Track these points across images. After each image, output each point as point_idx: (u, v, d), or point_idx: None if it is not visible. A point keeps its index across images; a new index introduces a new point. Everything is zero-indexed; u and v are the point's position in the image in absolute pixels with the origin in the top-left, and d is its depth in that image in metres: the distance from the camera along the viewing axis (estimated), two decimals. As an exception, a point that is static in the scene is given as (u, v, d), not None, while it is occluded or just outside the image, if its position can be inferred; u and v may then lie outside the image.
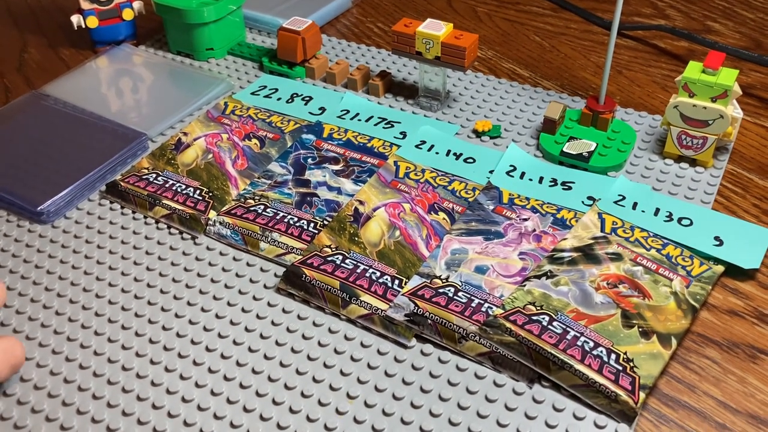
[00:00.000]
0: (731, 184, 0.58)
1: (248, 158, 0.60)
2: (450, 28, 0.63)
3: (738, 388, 0.43)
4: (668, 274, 0.48)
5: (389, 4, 0.86)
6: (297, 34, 0.69)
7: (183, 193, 0.56)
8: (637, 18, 0.82)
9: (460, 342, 0.45)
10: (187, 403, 0.43)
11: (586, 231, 0.51)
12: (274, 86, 0.70)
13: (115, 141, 0.62)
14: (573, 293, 0.47)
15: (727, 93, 0.55)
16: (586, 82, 0.71)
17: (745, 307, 0.48)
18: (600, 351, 0.43)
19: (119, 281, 0.50)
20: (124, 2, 0.75)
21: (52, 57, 0.78)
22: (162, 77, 0.72)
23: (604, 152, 0.59)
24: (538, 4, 0.85)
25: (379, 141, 0.61)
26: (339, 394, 0.43)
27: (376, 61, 0.74)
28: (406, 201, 0.55)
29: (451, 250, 0.50)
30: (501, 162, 0.58)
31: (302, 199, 0.55)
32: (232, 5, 0.74)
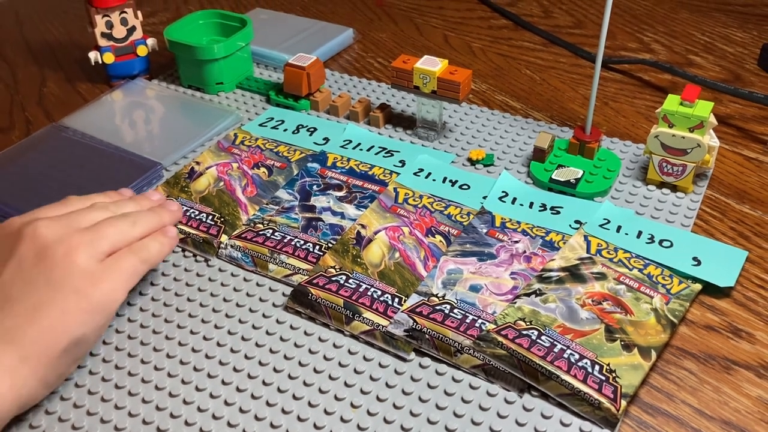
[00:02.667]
0: (710, 208, 0.61)
1: (257, 186, 0.63)
2: (445, 64, 0.67)
3: (713, 397, 0.46)
4: (649, 292, 0.51)
5: (389, 41, 0.90)
6: (302, 69, 0.73)
7: (196, 219, 0.59)
8: (624, 52, 0.86)
9: (455, 355, 0.48)
10: (203, 412, 0.46)
11: (573, 252, 0.55)
12: (280, 118, 0.73)
13: (132, 170, 0.66)
14: (560, 310, 0.50)
15: (703, 123, 0.58)
16: (575, 113, 0.75)
17: (720, 323, 0.51)
18: (585, 362, 0.46)
19: (137, 301, 0.54)
20: (139, 39, 0.79)
21: (70, 91, 0.82)
22: (174, 110, 0.76)
23: (591, 179, 0.63)
24: (529, 39, 0.90)
25: (380, 169, 0.65)
26: (343, 404, 0.46)
27: (376, 94, 0.78)
28: (405, 225, 0.58)
29: (447, 270, 0.54)
30: (494, 188, 0.62)
31: (308, 223, 0.59)
32: (240, 42, 0.77)
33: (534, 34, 0.91)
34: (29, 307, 0.42)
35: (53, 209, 0.48)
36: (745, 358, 0.49)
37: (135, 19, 0.78)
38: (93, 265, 0.44)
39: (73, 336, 0.42)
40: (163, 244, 0.49)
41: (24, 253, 0.43)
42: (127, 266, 0.46)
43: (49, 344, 0.42)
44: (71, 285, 0.43)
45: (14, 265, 0.43)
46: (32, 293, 0.42)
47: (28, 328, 0.41)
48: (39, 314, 0.42)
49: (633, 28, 0.91)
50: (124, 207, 0.50)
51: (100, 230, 0.46)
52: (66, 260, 0.43)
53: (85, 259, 0.44)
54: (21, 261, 0.43)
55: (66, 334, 0.42)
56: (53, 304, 0.42)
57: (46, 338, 0.41)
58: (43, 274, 0.43)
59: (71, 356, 0.43)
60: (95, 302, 0.43)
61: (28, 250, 0.43)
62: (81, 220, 0.46)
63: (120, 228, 0.47)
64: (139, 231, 0.48)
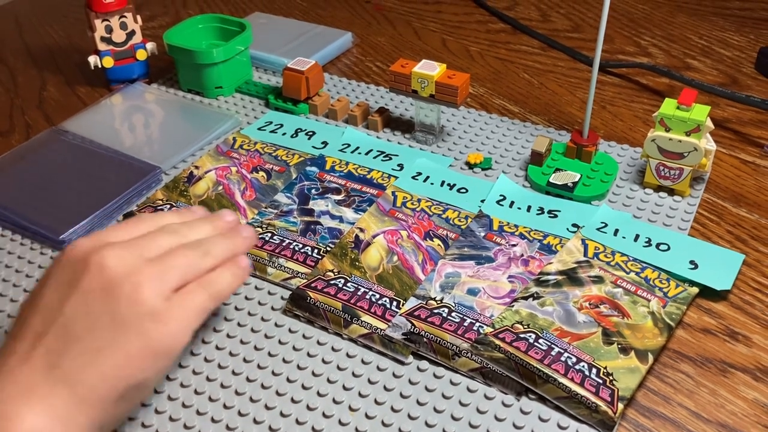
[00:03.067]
0: (707, 211, 0.62)
1: (256, 189, 0.64)
2: (443, 68, 0.67)
3: (710, 400, 0.47)
4: (646, 296, 0.52)
5: (387, 45, 0.90)
6: (301, 73, 0.73)
7: (195, 222, 0.60)
8: (621, 56, 0.86)
9: (453, 358, 0.48)
10: (201, 415, 0.46)
11: (571, 256, 0.55)
12: (279, 122, 0.74)
13: (131, 174, 0.66)
14: (557, 313, 0.50)
15: (700, 127, 0.59)
16: (572, 117, 0.75)
17: (717, 326, 0.52)
18: (582, 366, 0.46)
19: (136, 304, 0.54)
20: (138, 43, 0.79)
21: (69, 95, 0.82)
22: (173, 114, 0.77)
23: (588, 182, 0.63)
24: (527, 43, 0.90)
25: (378, 173, 0.65)
26: (342, 407, 0.46)
27: (374, 98, 0.78)
28: (404, 228, 0.59)
29: (445, 274, 0.54)
30: (491, 192, 0.62)
31: (306, 227, 0.59)
32: (239, 46, 0.77)
33: (532, 38, 0.91)
34: (92, 348, 0.39)
35: (122, 231, 0.44)
36: (741, 361, 0.49)
37: (134, 24, 0.78)
38: (159, 302, 0.40)
39: (134, 381, 0.39)
40: (235, 276, 0.45)
41: (90, 286, 0.40)
42: (195, 304, 0.42)
43: (109, 390, 0.39)
44: (136, 326, 0.39)
45: (79, 299, 0.40)
46: (95, 333, 0.39)
47: (89, 371, 0.38)
48: (101, 357, 0.39)
49: (630, 31, 0.92)
50: (195, 228, 0.46)
51: (170, 261, 0.42)
52: (132, 297, 0.40)
53: (152, 297, 0.40)
54: (85, 295, 0.40)
55: (126, 379, 0.39)
56: (116, 347, 0.39)
57: (106, 384, 0.39)
58: (108, 311, 0.39)
59: (129, 401, 0.41)
60: (159, 346, 0.40)
61: (95, 284, 0.40)
62: (150, 248, 0.43)
63: (190, 259, 0.43)
64: (211, 262, 0.44)
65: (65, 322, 0.39)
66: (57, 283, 0.41)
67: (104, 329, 0.39)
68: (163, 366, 0.41)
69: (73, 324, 0.39)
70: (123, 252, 0.41)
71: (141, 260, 0.41)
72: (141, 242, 0.43)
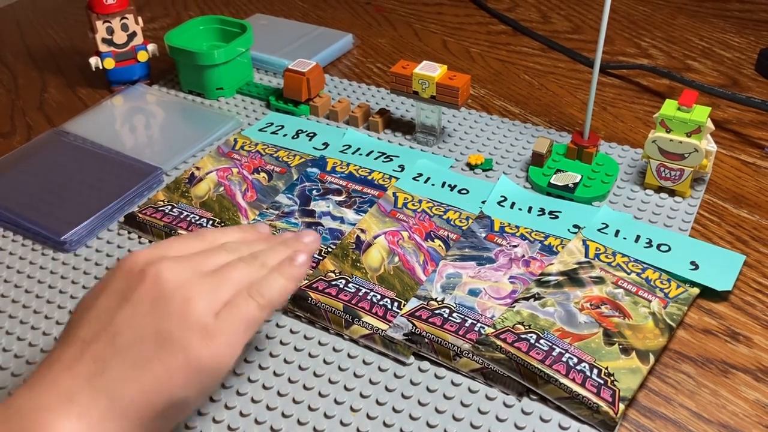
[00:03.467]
0: (707, 212, 0.62)
1: (257, 190, 0.64)
2: (444, 70, 0.67)
3: (711, 400, 0.47)
4: (647, 296, 0.52)
5: (388, 46, 0.90)
6: (302, 74, 0.73)
7: (197, 224, 0.60)
8: (622, 57, 0.86)
9: (454, 359, 0.48)
10: (203, 416, 0.46)
11: (572, 256, 0.55)
12: (280, 123, 0.74)
13: (132, 175, 0.66)
14: (558, 314, 0.50)
15: (701, 128, 0.59)
16: (573, 118, 0.75)
17: (718, 326, 0.52)
18: (583, 366, 0.46)
19: (138, 305, 0.54)
20: (139, 45, 0.79)
21: (70, 96, 0.82)
22: (175, 115, 0.77)
23: (589, 183, 0.63)
24: (527, 44, 0.90)
25: (379, 174, 0.65)
26: (343, 407, 0.46)
27: (375, 100, 0.78)
28: (405, 229, 0.59)
29: (447, 275, 0.54)
30: (492, 193, 0.62)
31: (308, 227, 0.59)
32: (240, 47, 0.78)
33: (532, 40, 0.91)
34: (135, 360, 0.38)
35: (181, 245, 0.43)
36: (742, 361, 0.49)
37: (135, 25, 0.78)
38: (208, 317, 0.39)
39: (174, 399, 0.38)
40: (289, 277, 0.43)
41: (141, 298, 0.39)
42: (243, 317, 0.40)
43: (147, 404, 0.37)
44: (181, 341, 0.38)
45: (129, 310, 0.39)
46: (140, 345, 0.38)
47: (129, 384, 0.37)
48: (143, 370, 0.38)
49: (631, 33, 0.92)
50: (255, 248, 0.45)
51: (223, 275, 0.41)
52: (181, 312, 0.39)
53: (201, 311, 0.39)
54: (136, 306, 0.39)
55: (167, 395, 0.38)
56: (159, 361, 0.38)
57: (146, 398, 0.37)
58: (156, 324, 0.38)
59: (168, 420, 0.39)
60: (204, 364, 0.38)
61: (146, 295, 0.39)
62: (206, 263, 0.42)
63: (245, 272, 0.42)
64: (267, 273, 0.43)
65: (114, 331, 0.38)
66: (111, 292, 0.40)
67: (150, 342, 0.38)
68: (206, 385, 0.39)
69: (121, 335, 0.38)
70: (178, 266, 0.40)
71: (195, 274, 0.40)
72: (197, 257, 0.42)
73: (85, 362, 0.38)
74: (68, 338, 0.39)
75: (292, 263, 0.44)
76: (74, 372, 0.37)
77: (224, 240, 0.45)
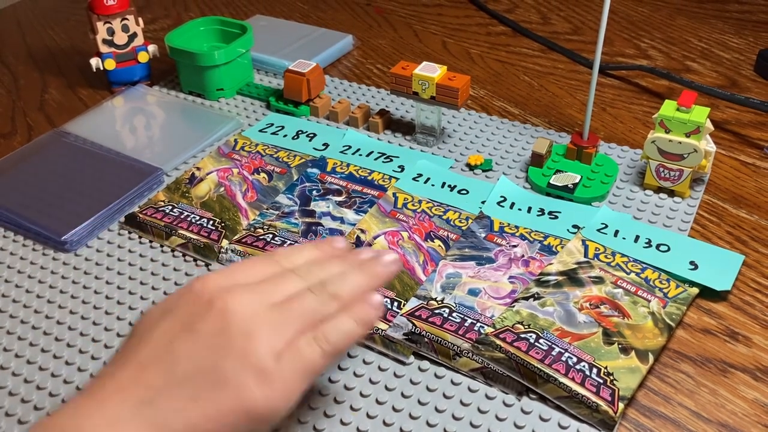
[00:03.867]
0: (707, 213, 0.62)
1: (257, 191, 0.64)
2: (444, 70, 0.67)
3: (710, 400, 0.47)
4: (646, 296, 0.52)
5: (388, 47, 0.91)
6: (302, 75, 0.73)
7: (197, 224, 0.60)
8: (621, 58, 0.87)
9: (454, 358, 0.48)
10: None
11: (571, 256, 0.55)
12: (280, 124, 0.74)
13: (133, 175, 0.66)
14: (558, 313, 0.50)
15: (700, 129, 0.59)
16: (572, 119, 0.75)
17: (717, 326, 0.52)
18: (582, 366, 0.46)
19: (138, 305, 0.54)
20: (140, 46, 0.79)
21: (71, 97, 0.82)
22: (175, 116, 0.77)
23: (588, 184, 0.63)
24: (527, 45, 0.90)
25: (379, 174, 0.65)
26: (343, 407, 0.46)
27: (375, 100, 0.79)
28: (405, 229, 0.59)
29: (446, 275, 0.54)
30: (492, 193, 0.62)
31: (308, 228, 0.59)
32: (241, 48, 0.78)
33: (532, 41, 0.91)
34: (188, 394, 0.36)
35: (252, 270, 0.42)
36: (741, 361, 0.49)
37: (136, 26, 0.78)
38: (268, 360, 0.37)
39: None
40: (360, 321, 0.40)
41: (205, 329, 0.38)
42: (305, 364, 0.38)
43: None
44: (237, 382, 0.36)
45: (191, 340, 0.37)
46: (196, 379, 0.37)
47: (178, 418, 0.36)
48: (194, 405, 0.36)
49: (630, 34, 0.92)
50: (328, 269, 0.42)
51: (291, 309, 0.39)
52: (243, 349, 0.37)
53: (262, 352, 0.37)
54: (199, 337, 0.37)
55: (205, 431, 0.36)
56: (212, 399, 0.36)
57: (182, 424, 0.36)
58: (215, 359, 0.37)
59: None
60: (257, 409, 0.36)
61: (210, 327, 0.38)
62: (275, 293, 0.40)
63: (313, 306, 0.40)
64: (336, 306, 0.40)
65: (172, 360, 0.37)
66: (176, 317, 0.39)
67: (206, 378, 0.37)
68: (255, 430, 0.37)
69: (178, 365, 0.37)
70: (246, 297, 0.39)
71: (262, 307, 0.39)
72: (266, 287, 0.40)
73: (137, 387, 0.36)
74: (125, 357, 0.38)
75: (365, 303, 0.41)
76: (124, 395, 0.36)
77: (297, 261, 0.43)
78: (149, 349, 0.38)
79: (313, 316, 0.40)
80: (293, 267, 0.42)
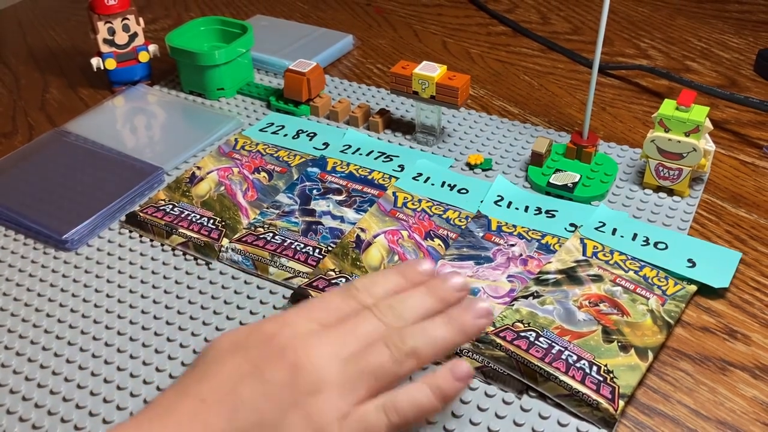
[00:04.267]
0: (706, 212, 0.62)
1: (258, 190, 0.64)
2: (444, 70, 0.67)
3: (709, 398, 0.47)
4: (645, 294, 0.52)
5: (388, 47, 0.91)
6: (302, 75, 0.73)
7: (198, 223, 0.60)
8: (621, 58, 0.87)
9: (454, 357, 0.48)
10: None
11: (569, 255, 0.55)
12: (281, 123, 0.74)
13: (133, 174, 0.66)
14: (557, 311, 0.50)
15: (699, 128, 0.59)
16: (572, 118, 0.75)
17: (716, 324, 0.52)
18: (582, 363, 0.47)
19: (139, 303, 0.54)
20: (141, 45, 0.80)
21: (72, 96, 0.82)
22: (175, 115, 0.77)
23: (588, 183, 0.63)
24: (527, 45, 0.91)
25: (379, 173, 0.66)
26: (343, 405, 0.46)
27: (375, 100, 0.79)
28: (404, 228, 0.59)
29: (446, 273, 0.54)
30: (489, 192, 0.62)
31: (308, 227, 0.60)
32: (241, 48, 0.78)
33: (532, 41, 0.91)
34: None
35: (327, 308, 0.40)
36: (740, 359, 0.49)
37: (137, 26, 0.79)
38: (333, 423, 0.35)
39: None
40: (438, 394, 0.38)
41: (274, 379, 0.36)
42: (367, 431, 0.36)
43: None
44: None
45: (259, 387, 0.36)
46: (256, 429, 0.35)
47: None
48: None
49: (630, 34, 0.92)
50: (411, 305, 0.40)
51: (363, 367, 0.37)
52: (308, 407, 0.35)
53: (327, 413, 0.35)
54: (266, 385, 0.36)
55: None
56: None
57: None
58: (278, 412, 0.35)
59: None
60: None
61: (280, 377, 0.36)
62: (350, 341, 0.38)
63: (389, 366, 0.37)
64: (412, 366, 0.38)
65: (235, 404, 0.35)
66: (246, 357, 0.37)
67: (266, 430, 0.35)
68: None
69: (241, 411, 0.35)
70: (319, 351, 0.37)
71: (335, 363, 0.37)
72: (341, 334, 0.38)
73: (197, 425, 0.35)
74: (187, 387, 0.37)
75: (449, 375, 0.38)
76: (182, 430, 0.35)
77: (377, 292, 0.41)
78: (213, 386, 0.36)
79: (386, 376, 0.37)
80: (373, 302, 0.40)
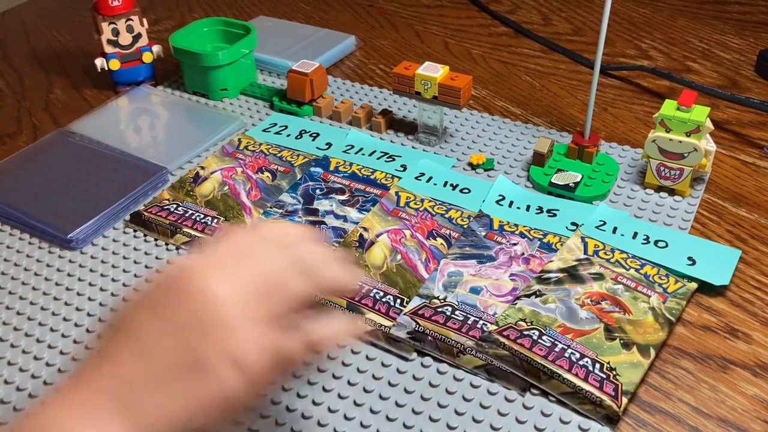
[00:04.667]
0: (707, 211, 0.62)
1: (261, 190, 0.64)
2: (446, 70, 0.68)
3: (710, 395, 0.47)
4: (646, 291, 0.52)
5: (390, 48, 0.91)
6: (305, 75, 0.74)
7: (201, 222, 0.60)
8: (622, 59, 0.87)
9: (458, 356, 0.49)
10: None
11: (571, 254, 0.56)
12: (284, 123, 0.74)
13: (137, 174, 0.67)
14: (560, 310, 0.51)
15: (700, 128, 0.59)
16: (574, 119, 0.76)
17: (717, 323, 0.52)
18: (585, 361, 0.47)
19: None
20: (144, 46, 0.80)
21: (76, 97, 0.83)
22: (179, 115, 0.77)
23: (590, 183, 0.64)
24: (529, 46, 0.91)
25: (382, 173, 0.66)
26: (347, 402, 0.47)
27: (378, 100, 0.79)
28: (407, 228, 0.59)
29: (448, 273, 0.55)
30: (491, 192, 0.63)
31: (311, 226, 0.60)
32: (244, 49, 0.78)
33: (534, 41, 0.92)
34: (167, 388, 0.35)
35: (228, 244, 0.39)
36: (741, 357, 0.50)
37: (140, 27, 0.79)
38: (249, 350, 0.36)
39: (197, 429, 0.36)
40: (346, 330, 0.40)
41: (181, 320, 0.36)
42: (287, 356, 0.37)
43: None
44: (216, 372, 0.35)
45: (168, 332, 0.36)
46: (174, 372, 0.35)
47: (159, 413, 0.35)
48: (173, 400, 0.35)
49: (631, 35, 0.92)
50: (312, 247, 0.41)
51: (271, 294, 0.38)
52: (220, 339, 0.36)
53: (241, 340, 0.36)
54: (175, 329, 0.36)
55: (192, 427, 0.35)
56: (191, 393, 0.35)
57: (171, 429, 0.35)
58: (191, 349, 0.35)
59: None
60: (235, 400, 0.36)
61: (186, 317, 0.36)
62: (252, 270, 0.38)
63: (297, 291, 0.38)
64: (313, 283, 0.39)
65: (149, 354, 0.35)
66: (152, 308, 0.37)
67: (185, 370, 0.35)
68: (231, 416, 0.36)
69: (156, 358, 0.35)
70: (223, 284, 0.36)
71: (241, 293, 0.36)
72: (245, 266, 0.38)
73: (116, 384, 0.35)
74: (102, 353, 0.37)
75: None
76: (103, 393, 0.35)
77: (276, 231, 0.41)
78: (125, 343, 0.36)
79: (296, 300, 0.38)
80: (272, 238, 0.40)
